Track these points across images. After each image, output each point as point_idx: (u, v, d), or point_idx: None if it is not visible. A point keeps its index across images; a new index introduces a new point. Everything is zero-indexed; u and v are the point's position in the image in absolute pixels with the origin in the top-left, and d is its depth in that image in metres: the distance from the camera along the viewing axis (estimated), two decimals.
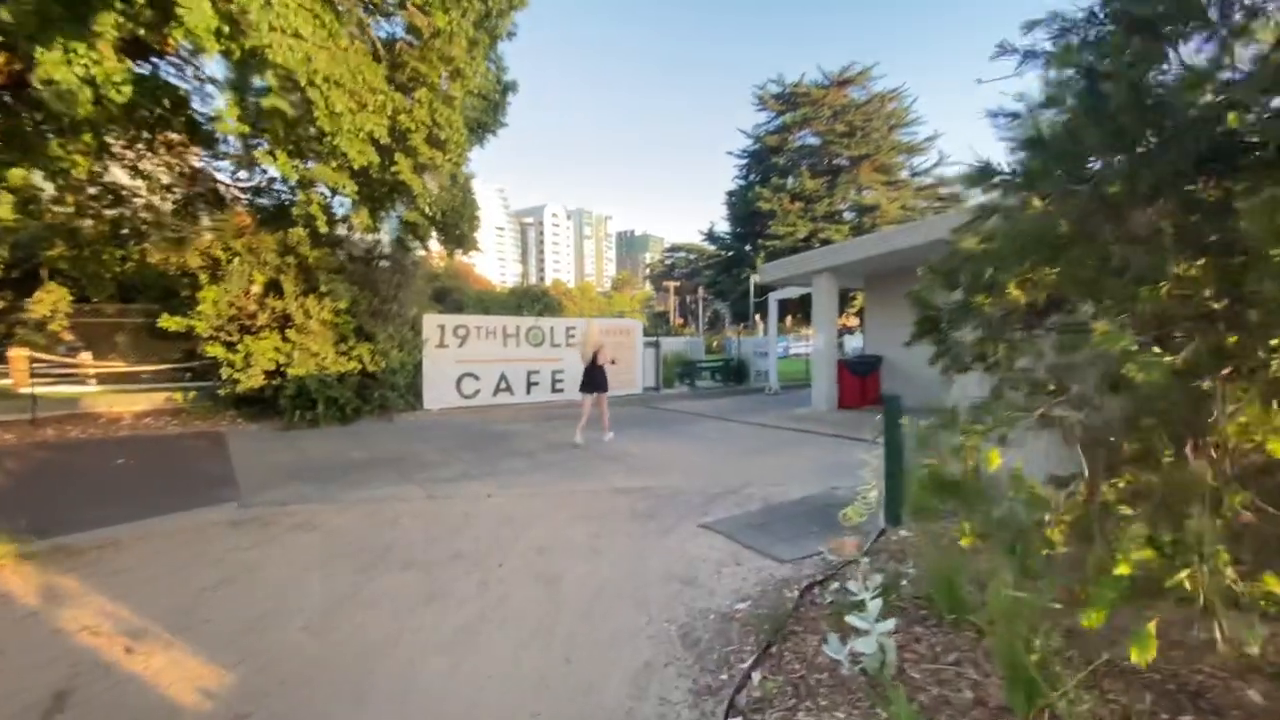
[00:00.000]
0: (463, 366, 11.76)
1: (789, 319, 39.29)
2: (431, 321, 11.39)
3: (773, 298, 16.15)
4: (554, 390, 12.97)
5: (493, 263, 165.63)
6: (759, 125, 41.79)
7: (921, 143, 39.11)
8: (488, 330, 12.08)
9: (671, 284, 71.62)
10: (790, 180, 37.70)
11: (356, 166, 7.65)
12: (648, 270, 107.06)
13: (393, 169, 8.01)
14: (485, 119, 9.94)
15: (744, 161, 42.90)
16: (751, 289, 25.70)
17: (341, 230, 10.67)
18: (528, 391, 12.60)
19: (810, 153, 38.94)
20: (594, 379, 8.72)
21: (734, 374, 16.60)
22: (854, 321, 42.01)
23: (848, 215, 38.32)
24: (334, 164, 7.55)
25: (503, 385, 12.27)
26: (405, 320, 10.78)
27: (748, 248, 39.05)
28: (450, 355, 11.60)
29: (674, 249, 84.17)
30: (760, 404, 13.66)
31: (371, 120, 7.25)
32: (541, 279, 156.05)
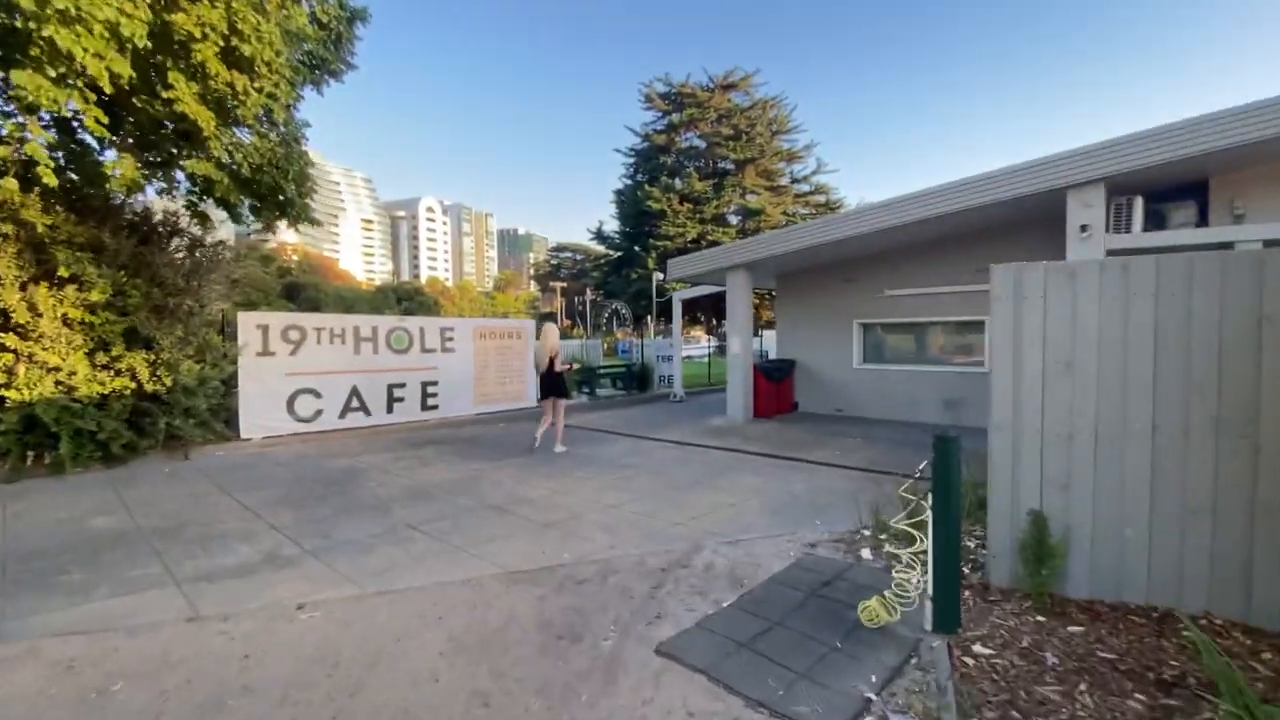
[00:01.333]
0: (297, 380, 9.00)
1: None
2: (249, 321, 8.52)
3: (677, 298, 14.80)
4: (425, 407, 10.52)
5: (357, 258, 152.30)
6: (647, 124, 41.03)
7: (800, 150, 40.36)
8: (332, 332, 9.39)
9: (558, 284, 69.19)
10: (679, 181, 37.15)
11: (99, 80, 4.94)
12: (532, 270, 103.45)
13: (166, 94, 5.34)
14: (324, 54, 7.39)
15: (632, 160, 41.87)
16: (654, 289, 24.41)
17: (132, 198, 7.51)
18: (389, 409, 10.06)
19: (697, 154, 38.73)
20: (555, 384, 8.35)
21: (637, 381, 15.02)
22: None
23: (733, 219, 38.56)
24: (55, 71, 4.77)
25: (354, 403, 9.64)
26: (208, 320, 7.90)
27: (638, 248, 38.02)
28: (278, 365, 8.79)
29: (560, 249, 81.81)
30: (670, 414, 12.17)
31: (114, 6, 4.61)
32: (416, 276, 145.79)
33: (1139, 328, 2.96)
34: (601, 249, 47.18)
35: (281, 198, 6.85)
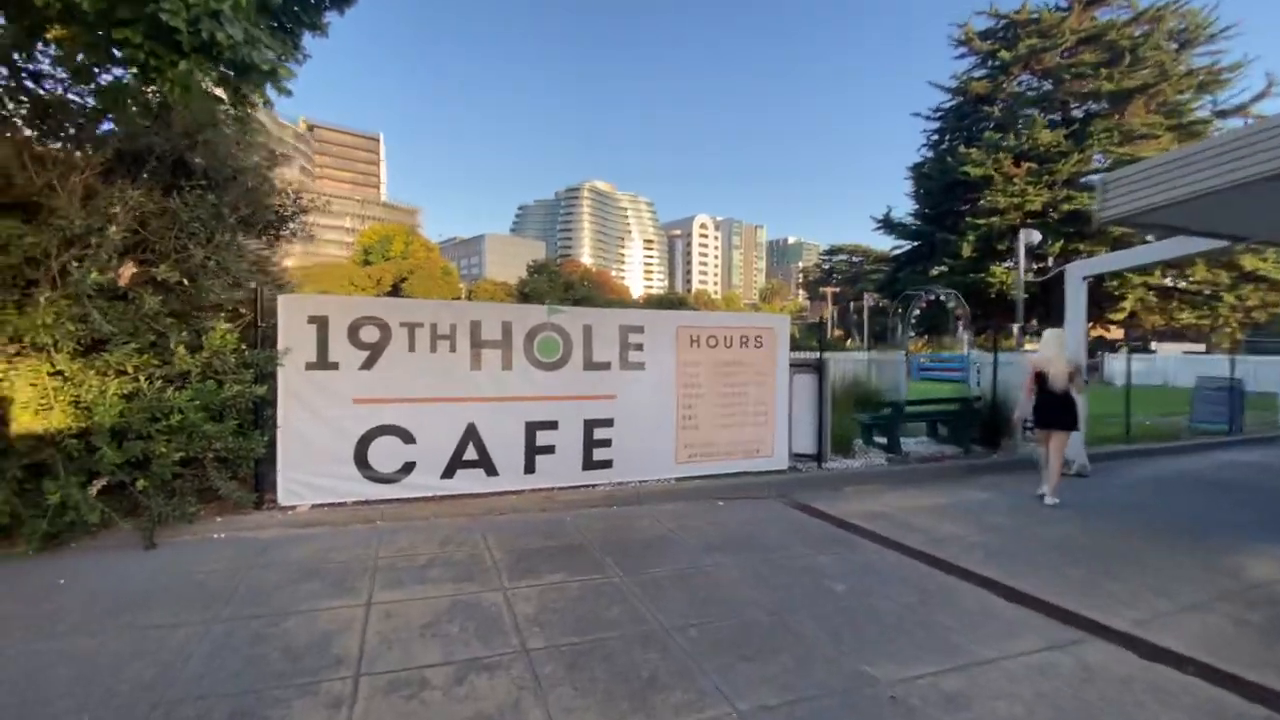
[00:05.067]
0: (373, 412, 5.31)
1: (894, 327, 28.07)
2: (297, 310, 5.10)
3: (1074, 273, 7.74)
4: (591, 464, 6.00)
5: (639, 276, 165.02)
6: (959, 74, 31.52)
7: (1226, 69, 26.13)
8: (435, 330, 5.51)
9: (829, 289, 61.27)
10: (1011, 137, 27.00)
11: None
12: (801, 277, 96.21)
13: None
14: None
15: (937, 125, 32.77)
16: (1018, 269, 16.95)
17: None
18: (529, 466, 5.80)
19: (1040, 99, 27.87)
20: (1067, 410, 6.07)
21: (982, 426, 8.34)
22: (994, 342, 29.58)
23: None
24: None
25: (469, 453, 5.60)
26: (217, 295, 4.58)
27: (943, 233, 28.94)
28: (343, 386, 5.22)
29: (833, 251, 73.68)
30: (1119, 523, 5.48)
31: None
32: (688, 290, 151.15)
33: None
34: (888, 244, 38.94)
35: (187, 32, 2.96)
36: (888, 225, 34.49)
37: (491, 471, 5.68)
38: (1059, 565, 4.43)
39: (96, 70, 4.37)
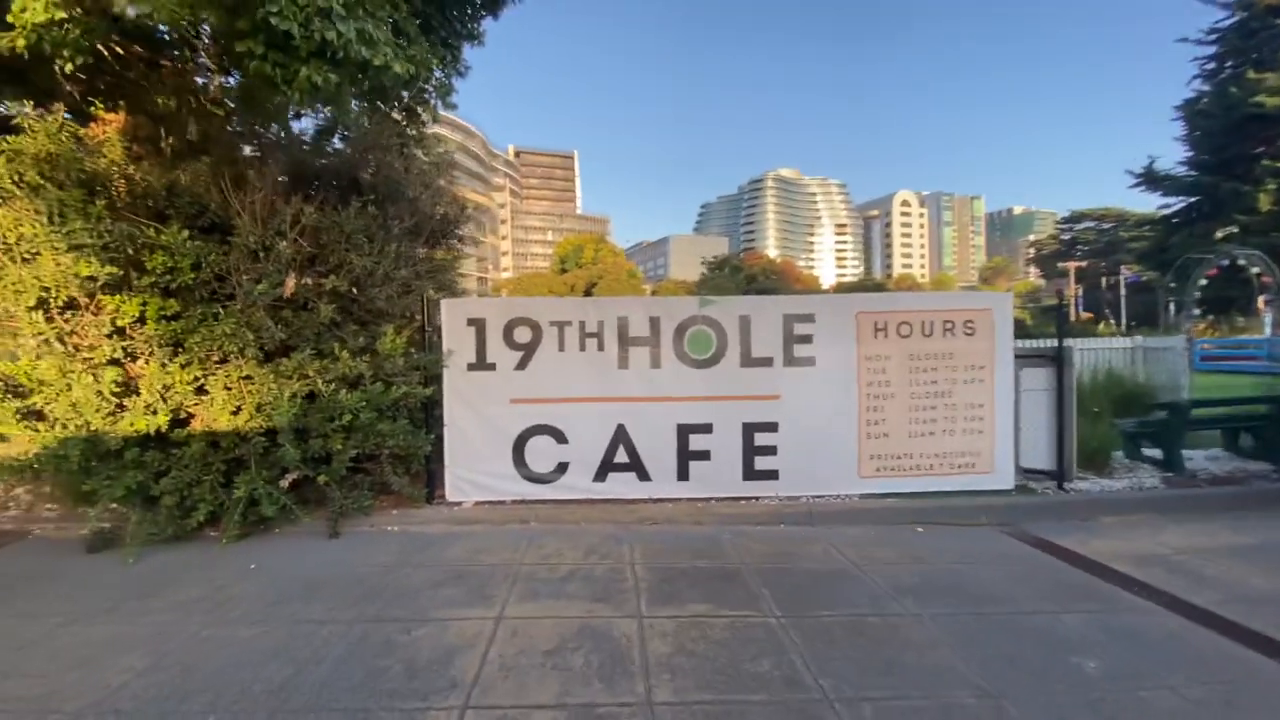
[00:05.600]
0: (527, 411, 5.26)
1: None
2: (458, 314, 5.23)
3: None
4: (752, 474, 5.30)
5: (829, 264, 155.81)
6: None
7: None
8: (584, 327, 5.28)
9: (1072, 265, 50.82)
10: None
11: None
12: (1031, 252, 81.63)
13: None
14: None
15: (1211, 50, 25.13)
16: None
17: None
18: (682, 473, 5.29)
19: None
20: None
21: None
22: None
23: None
24: None
25: (620, 456, 5.28)
26: (383, 302, 4.87)
27: (1230, 183, 21.82)
28: (500, 387, 5.24)
29: (1074, 218, 61.35)
30: None
31: None
32: (888, 275, 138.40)
33: None
34: (1151, 205, 30.81)
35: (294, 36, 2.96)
36: (1150, 180, 27.22)
37: (643, 476, 5.30)
38: None
39: (299, 107, 4.97)
